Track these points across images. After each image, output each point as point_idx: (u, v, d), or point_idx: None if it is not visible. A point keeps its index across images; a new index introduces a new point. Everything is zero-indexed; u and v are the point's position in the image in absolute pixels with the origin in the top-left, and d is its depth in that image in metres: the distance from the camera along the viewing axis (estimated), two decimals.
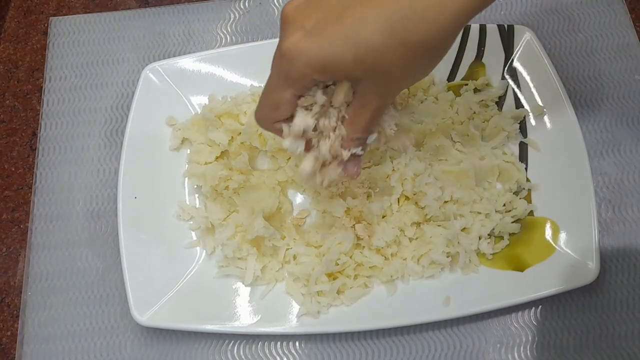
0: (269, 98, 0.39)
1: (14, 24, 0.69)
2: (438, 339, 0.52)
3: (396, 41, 0.34)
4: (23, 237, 0.58)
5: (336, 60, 0.35)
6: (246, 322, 0.50)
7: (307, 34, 0.35)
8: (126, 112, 0.61)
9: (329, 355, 0.52)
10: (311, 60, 0.35)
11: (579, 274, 0.50)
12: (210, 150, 0.57)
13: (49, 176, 0.60)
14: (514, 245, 0.53)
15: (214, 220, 0.54)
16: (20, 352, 0.53)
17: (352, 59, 0.34)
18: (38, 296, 0.55)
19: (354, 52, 0.34)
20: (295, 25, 0.36)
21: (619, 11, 0.65)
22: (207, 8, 0.68)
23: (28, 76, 0.66)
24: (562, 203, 0.53)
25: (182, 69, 0.60)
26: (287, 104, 0.39)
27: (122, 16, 0.68)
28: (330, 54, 0.35)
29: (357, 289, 0.51)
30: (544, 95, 0.57)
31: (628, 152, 0.59)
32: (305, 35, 0.35)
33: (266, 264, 0.53)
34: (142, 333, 0.53)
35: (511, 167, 0.56)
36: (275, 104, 0.39)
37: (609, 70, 0.62)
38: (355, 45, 0.34)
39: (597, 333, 0.52)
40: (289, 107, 0.39)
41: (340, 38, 0.34)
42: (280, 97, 0.38)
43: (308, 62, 0.35)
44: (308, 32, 0.35)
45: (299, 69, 0.36)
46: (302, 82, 0.37)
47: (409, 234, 0.53)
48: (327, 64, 0.35)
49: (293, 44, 0.35)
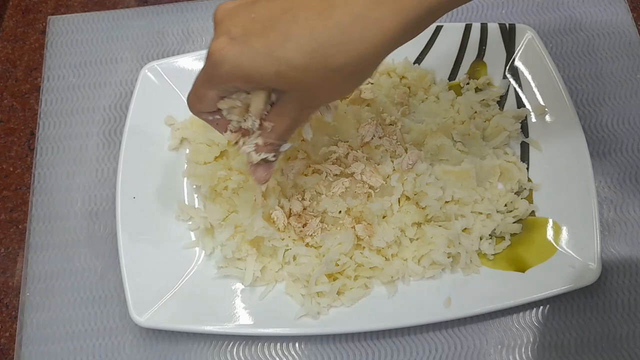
0: (196, 90, 0.40)
1: (12, 22, 0.68)
2: (439, 340, 0.52)
3: (317, 63, 0.34)
4: (21, 237, 0.58)
5: (258, 72, 0.35)
6: (245, 323, 0.50)
7: (232, 41, 0.35)
8: (125, 111, 0.61)
9: (329, 356, 0.52)
10: (234, 68, 0.35)
11: (580, 274, 0.50)
12: (210, 150, 0.56)
13: (47, 176, 0.60)
14: (515, 245, 0.53)
15: (213, 221, 0.54)
16: (19, 353, 0.53)
17: (273, 72, 0.35)
18: (36, 297, 0.55)
19: (276, 67, 0.35)
20: (222, 28, 0.36)
21: (621, 10, 0.65)
22: (206, 6, 0.67)
23: (26, 75, 0.65)
24: (563, 203, 0.53)
25: (181, 68, 0.59)
26: (210, 101, 0.40)
27: (121, 15, 0.68)
28: (252, 65, 0.35)
29: (357, 290, 0.51)
30: (545, 94, 0.57)
31: (630, 152, 0.58)
32: (230, 42, 0.35)
33: (266, 264, 0.53)
34: (140, 334, 0.53)
35: (512, 167, 0.55)
36: (199, 97, 0.40)
37: (611, 69, 0.62)
38: (278, 61, 0.35)
39: (598, 334, 0.52)
40: (211, 103, 0.40)
41: (264, 51, 0.35)
42: (204, 93, 0.39)
43: (231, 71, 0.36)
44: (233, 39, 0.35)
45: (221, 75, 0.36)
46: (224, 86, 0.38)
47: (409, 235, 0.53)
48: (249, 75, 0.36)
49: (218, 48, 0.36)
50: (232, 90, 0.39)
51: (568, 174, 0.54)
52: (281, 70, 0.35)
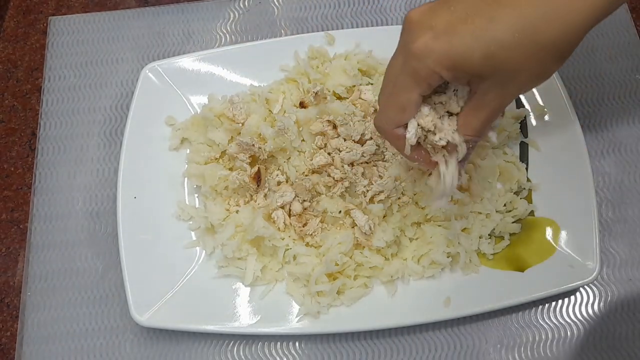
0: (395, 101, 0.40)
1: (13, 23, 0.69)
2: (438, 339, 0.52)
3: (527, 39, 0.35)
4: (22, 237, 0.58)
5: (466, 56, 0.36)
6: (246, 323, 0.50)
7: (437, 34, 0.36)
8: (125, 111, 0.61)
9: (329, 355, 0.52)
10: (441, 57, 0.36)
11: (579, 274, 0.50)
12: (210, 150, 0.57)
13: (48, 176, 0.60)
14: (515, 245, 0.53)
15: (214, 220, 0.54)
16: (20, 353, 0.53)
17: (481, 55, 0.35)
18: (37, 296, 0.55)
19: (484, 49, 0.35)
20: (424, 27, 0.37)
21: (620, 10, 0.65)
22: (207, 7, 0.68)
23: (27, 76, 0.66)
24: (562, 203, 0.53)
25: (182, 69, 0.60)
26: (413, 105, 0.40)
27: (122, 15, 0.68)
28: (460, 51, 0.36)
29: (357, 289, 0.51)
30: (544, 94, 0.57)
31: (629, 152, 0.59)
32: (435, 36, 0.36)
33: (266, 264, 0.53)
34: (141, 333, 0.53)
35: (512, 167, 0.55)
36: (401, 106, 0.40)
37: (610, 69, 0.62)
38: (486, 42, 0.35)
39: (597, 333, 0.52)
40: (414, 108, 0.40)
41: (471, 36, 0.35)
42: (407, 98, 0.39)
43: (438, 60, 0.36)
44: (437, 32, 0.36)
45: (428, 66, 0.37)
46: (429, 81, 0.38)
47: (409, 234, 0.53)
48: (457, 61, 0.36)
49: (423, 43, 0.36)
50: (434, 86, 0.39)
51: (567, 174, 0.54)
52: (490, 51, 0.35)
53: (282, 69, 0.61)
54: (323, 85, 0.57)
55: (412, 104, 0.40)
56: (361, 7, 0.67)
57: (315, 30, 0.66)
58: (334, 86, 0.58)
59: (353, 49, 0.60)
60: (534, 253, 0.52)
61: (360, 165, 0.53)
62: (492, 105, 0.39)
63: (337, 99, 0.58)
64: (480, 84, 0.38)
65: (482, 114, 0.40)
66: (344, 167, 0.53)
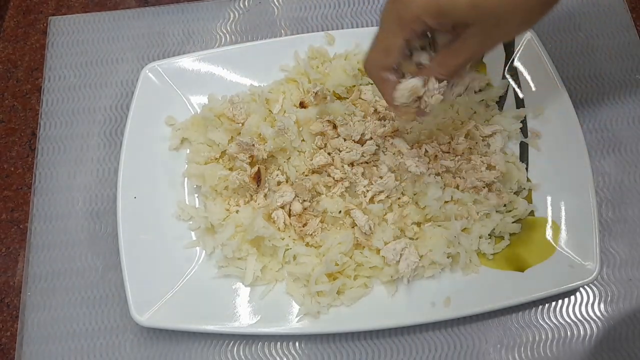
0: (381, 44, 0.41)
1: (13, 23, 0.69)
2: (438, 339, 0.52)
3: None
4: (22, 237, 0.58)
5: (452, 3, 0.36)
6: (246, 323, 0.50)
7: None
8: (125, 111, 0.61)
9: (329, 355, 0.52)
10: (427, 2, 0.37)
11: (579, 274, 0.50)
12: (210, 150, 0.57)
13: (48, 176, 0.60)
14: (515, 245, 0.53)
15: (214, 220, 0.54)
16: (20, 352, 0.53)
17: (468, 2, 0.36)
18: (37, 296, 0.55)
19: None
20: None
21: (620, 10, 0.65)
22: (207, 7, 0.68)
23: (27, 76, 0.66)
24: (562, 203, 0.53)
25: (182, 69, 0.60)
26: (397, 49, 0.41)
27: (122, 15, 0.68)
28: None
29: (357, 289, 0.51)
30: (544, 94, 0.57)
31: (629, 152, 0.59)
32: None
33: (266, 264, 0.53)
34: (141, 333, 0.53)
35: (512, 167, 0.55)
36: (386, 49, 0.41)
37: (610, 69, 0.62)
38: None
39: (597, 333, 0.52)
40: (398, 52, 0.41)
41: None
42: (392, 42, 0.40)
43: (424, 5, 0.37)
44: None
45: (413, 11, 0.37)
46: (413, 26, 0.39)
47: (409, 234, 0.53)
48: (442, 7, 0.36)
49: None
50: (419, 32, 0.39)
51: (567, 174, 0.54)
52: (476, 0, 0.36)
53: (282, 69, 0.61)
54: (323, 85, 0.57)
55: (395, 48, 0.40)
56: (361, 7, 0.67)
57: (315, 30, 0.66)
58: (334, 86, 0.58)
59: (353, 49, 0.60)
60: (533, 253, 0.52)
61: (360, 165, 0.53)
62: (472, 50, 0.40)
63: (337, 99, 0.58)
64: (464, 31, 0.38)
65: (460, 56, 0.40)
66: (344, 167, 0.53)
